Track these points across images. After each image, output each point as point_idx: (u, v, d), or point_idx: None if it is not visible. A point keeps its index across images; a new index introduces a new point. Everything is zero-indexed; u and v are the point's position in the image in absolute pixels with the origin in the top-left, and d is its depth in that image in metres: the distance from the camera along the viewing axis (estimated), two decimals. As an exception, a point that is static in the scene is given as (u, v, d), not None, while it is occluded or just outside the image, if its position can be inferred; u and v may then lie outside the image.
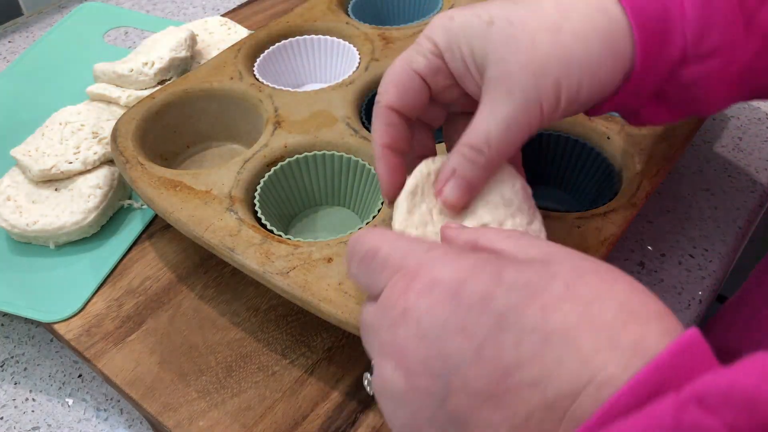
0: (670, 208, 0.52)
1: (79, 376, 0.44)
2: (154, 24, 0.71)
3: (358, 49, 0.54)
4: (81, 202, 0.47)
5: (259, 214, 0.42)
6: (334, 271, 0.37)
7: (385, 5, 0.62)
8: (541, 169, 0.48)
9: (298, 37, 0.55)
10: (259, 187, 0.43)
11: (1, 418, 0.42)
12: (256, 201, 0.43)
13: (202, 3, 0.78)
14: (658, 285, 0.47)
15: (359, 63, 0.52)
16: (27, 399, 0.43)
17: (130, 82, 0.55)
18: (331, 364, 0.41)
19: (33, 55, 0.65)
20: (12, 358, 0.45)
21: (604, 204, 0.42)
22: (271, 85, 0.50)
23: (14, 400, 0.43)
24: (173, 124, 0.50)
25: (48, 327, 0.43)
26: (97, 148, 0.49)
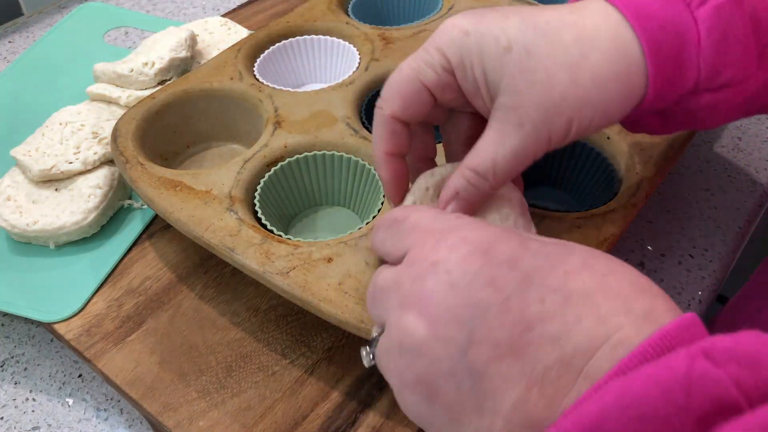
0: (670, 208, 0.52)
1: (80, 376, 0.44)
2: (154, 24, 0.71)
3: (358, 49, 0.54)
4: (81, 202, 0.47)
5: (259, 214, 0.42)
6: (334, 271, 0.37)
7: (385, 5, 0.62)
8: (541, 169, 0.48)
9: (298, 37, 0.55)
10: (259, 187, 0.43)
11: (2, 418, 0.42)
12: (256, 201, 0.43)
13: (202, 3, 0.78)
14: (658, 285, 0.47)
15: (359, 63, 0.52)
16: (27, 399, 0.43)
17: (130, 82, 0.56)
18: (331, 364, 0.41)
19: (33, 55, 0.65)
20: (12, 358, 0.45)
21: (604, 204, 0.42)
22: (271, 85, 0.50)
23: (14, 399, 0.43)
24: (173, 124, 0.50)
25: (48, 327, 0.43)
26: (97, 148, 0.49)
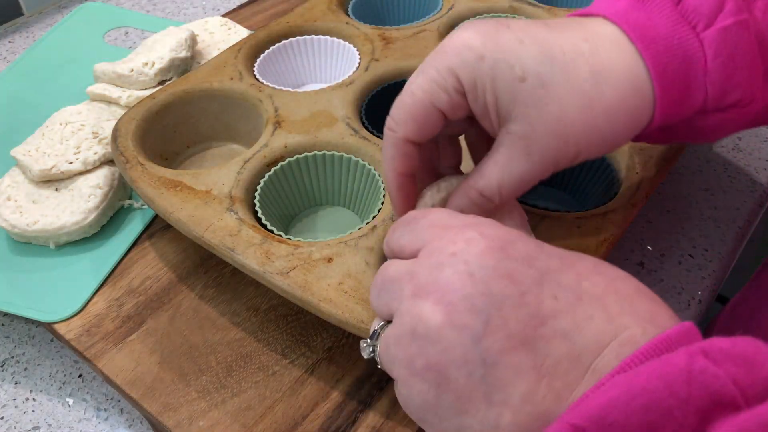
0: (670, 208, 0.52)
1: (80, 376, 0.44)
2: (155, 24, 0.71)
3: (358, 50, 0.54)
4: (81, 202, 0.47)
5: (259, 214, 0.42)
6: (334, 271, 0.37)
7: (385, 5, 0.62)
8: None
9: (298, 38, 0.55)
10: (259, 187, 0.43)
11: (2, 418, 0.42)
12: (257, 201, 0.43)
13: (203, 3, 0.78)
14: (658, 285, 0.47)
15: (359, 63, 0.52)
16: (27, 399, 0.43)
17: (130, 83, 0.56)
18: (331, 364, 0.41)
19: (33, 55, 0.65)
20: (12, 357, 0.45)
21: (604, 204, 0.42)
22: (271, 85, 0.50)
23: (15, 399, 0.43)
24: (173, 124, 0.50)
25: (48, 327, 0.43)
26: (97, 148, 0.49)
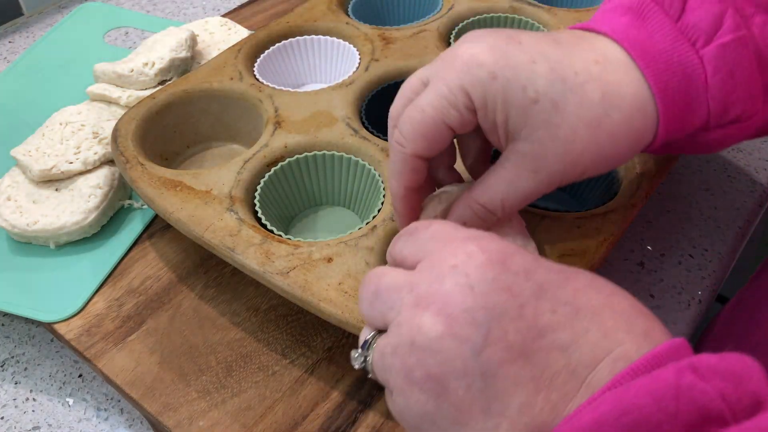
0: (670, 208, 0.52)
1: (80, 376, 0.44)
2: (155, 24, 0.71)
3: (358, 50, 0.54)
4: (81, 202, 0.47)
5: (260, 214, 0.42)
6: (334, 271, 0.37)
7: (385, 5, 0.62)
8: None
9: (298, 38, 0.55)
10: (259, 187, 0.43)
11: (2, 418, 0.42)
12: (257, 201, 0.43)
13: (203, 3, 0.78)
14: (658, 285, 0.47)
15: (359, 63, 0.52)
16: (27, 399, 0.43)
17: (130, 83, 0.56)
18: (331, 364, 0.41)
19: (33, 55, 0.65)
20: (12, 357, 0.45)
21: (604, 204, 0.42)
22: (271, 85, 0.50)
23: (15, 399, 0.43)
24: (173, 124, 0.50)
25: (48, 327, 0.43)
26: (97, 148, 0.49)
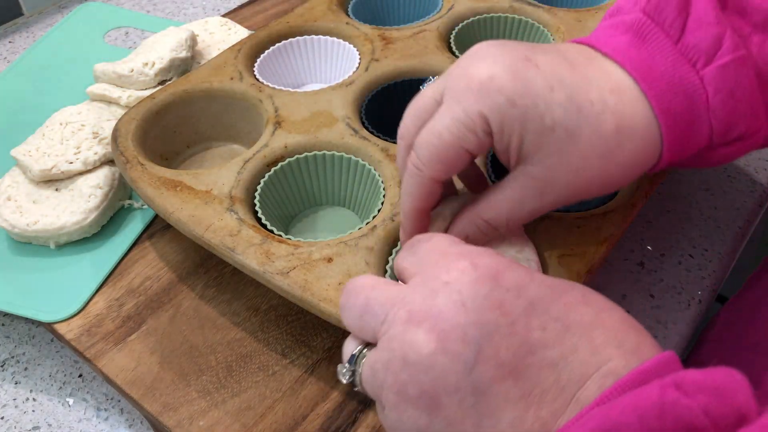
0: (670, 208, 0.52)
1: (80, 376, 0.44)
2: (155, 24, 0.71)
3: (358, 50, 0.54)
4: (81, 202, 0.47)
5: (260, 214, 0.42)
6: (334, 271, 0.37)
7: (385, 5, 0.62)
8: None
9: (298, 38, 0.55)
10: (259, 187, 0.43)
11: (2, 418, 0.42)
12: (257, 201, 0.43)
13: (203, 3, 0.78)
14: (658, 285, 0.47)
15: (359, 63, 0.52)
16: (27, 399, 0.43)
17: (130, 83, 0.56)
18: (331, 364, 0.41)
19: (33, 55, 0.65)
20: (12, 357, 0.45)
21: (604, 204, 0.42)
22: (271, 85, 0.50)
23: (15, 399, 0.43)
24: (173, 124, 0.50)
25: (48, 327, 0.43)
26: (97, 148, 0.49)
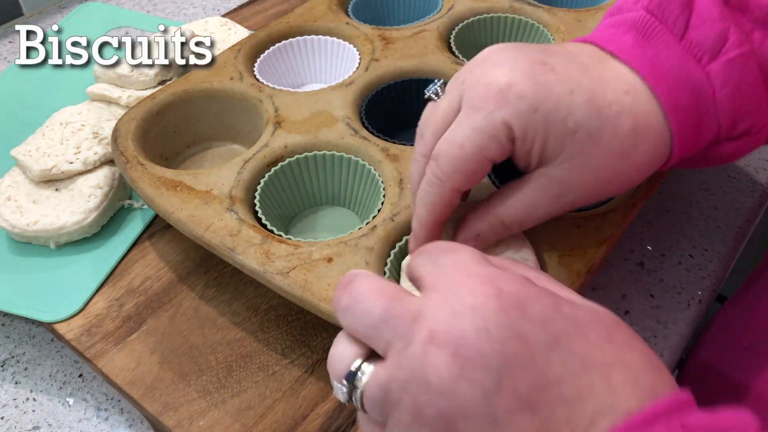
0: (670, 208, 0.52)
1: (80, 376, 0.44)
2: (155, 24, 0.71)
3: (358, 50, 0.54)
4: (81, 202, 0.47)
5: (260, 214, 0.42)
6: (334, 271, 0.37)
7: (385, 5, 0.62)
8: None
9: (298, 38, 0.55)
10: (259, 187, 0.43)
11: (2, 418, 0.42)
12: (257, 201, 0.43)
13: (203, 3, 0.78)
14: (658, 285, 0.47)
15: (359, 63, 0.52)
16: (28, 399, 0.43)
17: (130, 83, 0.56)
18: (331, 364, 0.41)
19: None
20: (13, 357, 0.45)
21: (604, 204, 0.42)
22: (271, 85, 0.50)
23: (15, 399, 0.43)
24: (173, 124, 0.50)
25: (48, 327, 0.43)
26: (97, 148, 0.49)
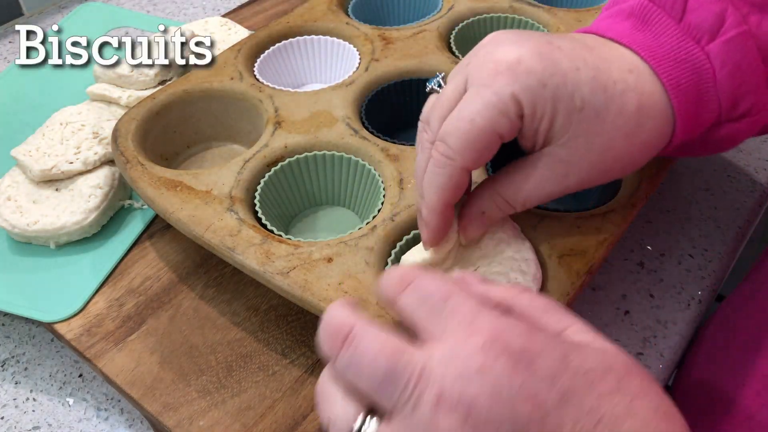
0: (670, 208, 0.52)
1: (80, 376, 0.44)
2: (155, 24, 0.71)
3: (358, 50, 0.54)
4: (81, 202, 0.47)
5: (260, 214, 0.42)
6: (334, 271, 0.37)
7: (385, 5, 0.62)
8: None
9: (298, 38, 0.55)
10: (259, 187, 0.43)
11: (2, 418, 0.42)
12: (257, 201, 0.43)
13: (203, 3, 0.78)
14: (658, 285, 0.47)
15: (359, 63, 0.53)
16: (28, 399, 0.43)
17: (130, 83, 0.56)
18: (331, 364, 0.41)
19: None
20: (13, 357, 0.45)
21: (604, 204, 0.42)
22: (271, 85, 0.50)
23: (15, 399, 0.43)
24: (174, 124, 0.50)
25: (48, 327, 0.43)
26: (97, 148, 0.49)
